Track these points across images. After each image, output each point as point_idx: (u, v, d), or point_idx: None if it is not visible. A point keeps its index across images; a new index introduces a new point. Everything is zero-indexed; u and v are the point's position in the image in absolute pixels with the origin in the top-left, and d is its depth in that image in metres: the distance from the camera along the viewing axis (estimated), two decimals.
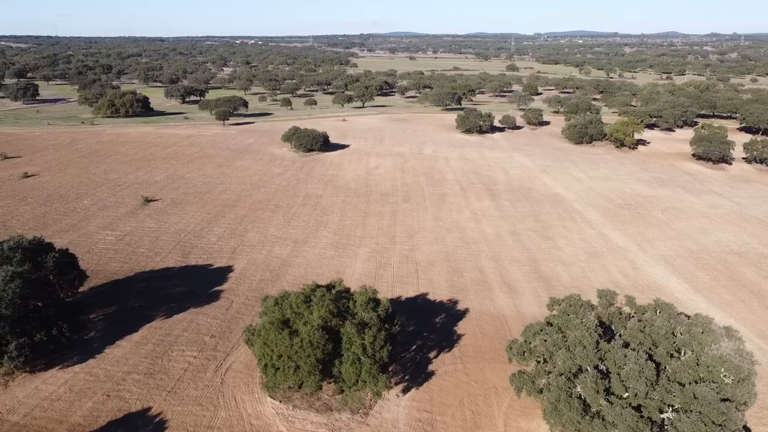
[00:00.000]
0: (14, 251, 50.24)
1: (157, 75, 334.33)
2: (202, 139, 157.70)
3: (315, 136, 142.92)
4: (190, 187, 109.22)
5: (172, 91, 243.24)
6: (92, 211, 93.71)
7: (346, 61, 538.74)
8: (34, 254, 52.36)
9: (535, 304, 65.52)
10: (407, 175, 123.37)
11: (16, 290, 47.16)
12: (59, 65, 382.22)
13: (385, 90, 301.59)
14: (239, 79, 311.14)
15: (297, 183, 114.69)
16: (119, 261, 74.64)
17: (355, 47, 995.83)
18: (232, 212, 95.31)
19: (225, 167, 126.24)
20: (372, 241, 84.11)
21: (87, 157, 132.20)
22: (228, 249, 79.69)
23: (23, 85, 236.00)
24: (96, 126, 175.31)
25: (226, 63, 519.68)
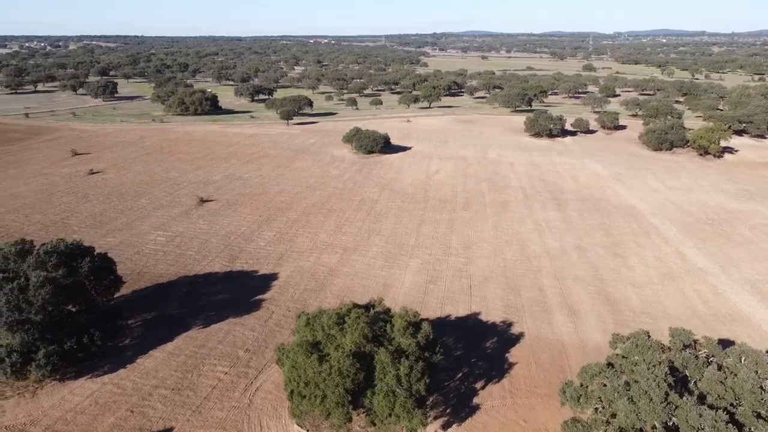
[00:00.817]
0: (49, 256, 49.09)
1: (230, 74, 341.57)
2: (265, 139, 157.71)
3: (376, 138, 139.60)
4: (246, 188, 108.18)
5: (242, 90, 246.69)
6: (148, 210, 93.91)
7: (416, 61, 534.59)
8: (70, 259, 51.16)
9: (599, 331, 59.15)
10: (469, 181, 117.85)
11: (46, 296, 45.83)
12: (140, 64, 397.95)
13: (454, 90, 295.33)
14: (308, 78, 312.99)
15: (353, 186, 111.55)
16: (166, 263, 73.60)
17: (427, 46, 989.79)
18: (285, 215, 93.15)
19: (283, 168, 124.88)
20: (425, 251, 79.60)
21: (151, 155, 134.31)
22: (275, 255, 77.28)
23: (103, 83, 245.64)
24: (165, 124, 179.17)
25: (298, 62, 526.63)
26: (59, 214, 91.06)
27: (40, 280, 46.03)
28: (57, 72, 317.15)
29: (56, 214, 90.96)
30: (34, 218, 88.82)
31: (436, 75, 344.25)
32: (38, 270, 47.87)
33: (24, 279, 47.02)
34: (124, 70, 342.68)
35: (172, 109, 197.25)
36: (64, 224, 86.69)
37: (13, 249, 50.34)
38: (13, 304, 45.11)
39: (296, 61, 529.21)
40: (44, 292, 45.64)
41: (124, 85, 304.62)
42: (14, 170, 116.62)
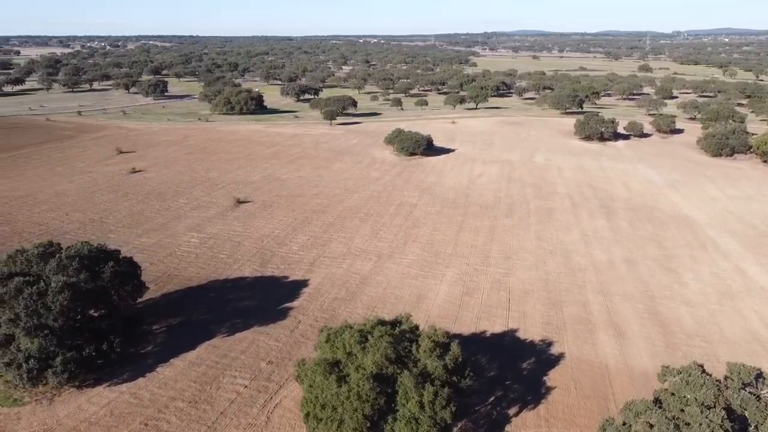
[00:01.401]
0: (71, 260, 48.10)
1: (278, 73, 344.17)
2: (307, 139, 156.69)
3: (418, 140, 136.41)
4: (283, 189, 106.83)
5: (287, 90, 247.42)
6: (185, 211, 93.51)
7: (465, 60, 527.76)
8: (93, 263, 50.12)
9: (648, 355, 54.53)
10: (513, 186, 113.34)
11: (64, 302, 44.72)
12: (191, 63, 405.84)
13: (502, 91, 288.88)
14: (354, 77, 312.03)
15: (393, 189, 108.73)
16: (197, 266, 72.48)
17: (477, 46, 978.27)
18: (320, 219, 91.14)
19: (323, 169, 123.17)
20: (462, 260, 76.06)
21: (193, 154, 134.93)
22: (308, 260, 75.19)
23: (154, 82, 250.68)
24: (210, 123, 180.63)
25: (346, 61, 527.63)
26: (98, 212, 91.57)
27: (59, 286, 44.98)
28: (112, 71, 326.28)
29: (95, 212, 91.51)
30: (74, 216, 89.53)
31: (484, 75, 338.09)
32: (59, 275, 46.87)
33: (44, 283, 46.08)
34: (175, 69, 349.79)
35: (218, 108, 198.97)
36: (102, 223, 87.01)
37: (36, 252, 49.62)
38: (31, 309, 44.20)
39: (344, 60, 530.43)
40: (62, 297, 44.54)
41: (175, 83, 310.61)
42: (61, 167, 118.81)
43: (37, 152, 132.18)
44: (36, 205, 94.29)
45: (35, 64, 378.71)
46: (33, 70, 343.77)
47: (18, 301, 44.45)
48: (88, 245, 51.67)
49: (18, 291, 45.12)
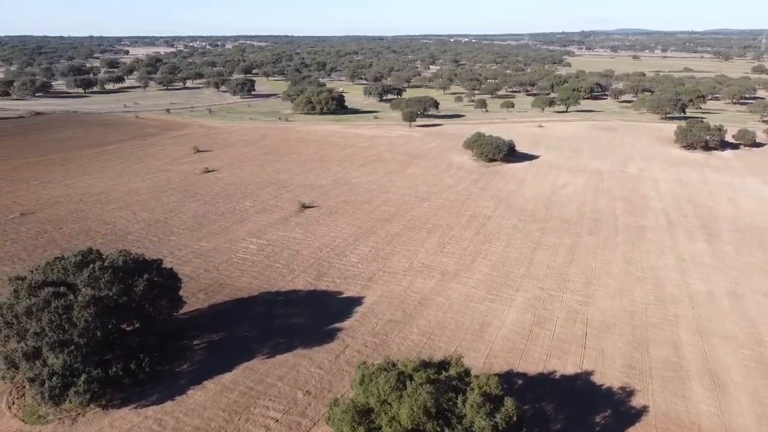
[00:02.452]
0: (104, 271, 45.49)
1: (364, 72, 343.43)
2: (383, 141, 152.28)
3: (498, 145, 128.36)
4: (352, 195, 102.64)
5: (370, 89, 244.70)
6: (249, 214, 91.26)
7: (558, 61, 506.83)
8: (128, 275, 47.35)
9: (752, 417, 45.20)
10: (600, 199, 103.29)
11: (89, 318, 41.99)
12: (282, 62, 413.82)
13: (597, 93, 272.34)
14: (440, 77, 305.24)
15: (467, 198, 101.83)
16: (250, 275, 69.28)
17: (572, 45, 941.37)
18: (385, 228, 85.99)
19: (395, 174, 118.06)
20: (536, 283, 68.38)
21: (268, 154, 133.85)
22: (366, 274, 70.18)
23: (241, 81, 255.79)
24: (289, 123, 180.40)
25: (434, 61, 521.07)
26: (164, 213, 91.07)
27: (86, 300, 42.33)
28: (205, 70, 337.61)
29: (162, 213, 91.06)
30: (141, 216, 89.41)
31: (578, 76, 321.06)
32: (88, 288, 44.31)
33: (73, 296, 43.60)
34: (265, 69, 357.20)
35: (300, 107, 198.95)
36: (166, 224, 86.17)
37: (74, 260, 47.50)
38: (56, 324, 41.75)
39: (432, 60, 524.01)
40: (87, 313, 41.83)
41: (263, 82, 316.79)
42: (138, 165, 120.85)
43: (119, 149, 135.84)
44: (108, 203, 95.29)
45: (138, 63, 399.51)
46: (134, 68, 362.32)
47: (44, 313, 42.15)
48: (125, 255, 49.08)
49: (46, 303, 42.94)
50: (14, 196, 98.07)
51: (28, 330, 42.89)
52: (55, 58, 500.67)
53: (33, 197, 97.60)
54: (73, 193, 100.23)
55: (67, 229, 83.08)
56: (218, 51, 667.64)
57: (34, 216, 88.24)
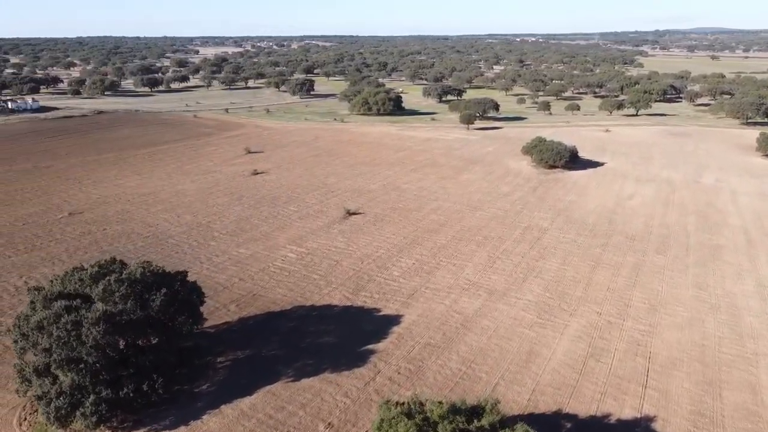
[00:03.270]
0: (120, 284, 42.92)
1: (425, 73, 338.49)
2: (438, 145, 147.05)
3: (560, 151, 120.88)
4: (400, 201, 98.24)
5: (430, 90, 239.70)
6: (292, 220, 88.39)
7: (630, 61, 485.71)
8: (145, 289, 44.68)
9: None
10: (671, 212, 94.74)
11: (98, 335, 39.40)
12: (343, 62, 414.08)
13: (670, 95, 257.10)
14: (503, 78, 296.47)
15: (522, 209, 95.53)
16: (286, 287, 66.00)
17: (646, 45, 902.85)
18: (432, 239, 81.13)
19: (448, 180, 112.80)
20: (593, 308, 61.95)
21: (319, 156, 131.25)
22: (407, 290, 65.62)
23: (301, 81, 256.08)
24: (344, 123, 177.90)
25: (498, 61, 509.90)
26: (208, 216, 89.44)
27: (96, 316, 39.78)
28: (267, 70, 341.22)
29: (205, 216, 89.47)
30: (184, 219, 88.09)
31: (650, 77, 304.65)
32: (102, 302, 41.81)
33: (85, 311, 41.18)
34: (326, 68, 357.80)
35: (356, 108, 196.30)
36: (208, 228, 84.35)
37: (91, 272, 45.26)
38: (63, 341, 39.35)
39: (497, 60, 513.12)
40: (96, 331, 39.24)
41: (323, 82, 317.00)
42: (190, 166, 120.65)
43: (173, 149, 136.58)
44: (154, 204, 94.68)
45: (205, 62, 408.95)
46: (200, 68, 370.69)
47: (53, 329, 39.88)
48: (144, 267, 46.47)
49: (57, 317, 40.68)
50: (66, 195, 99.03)
51: (39, 345, 40.71)
52: (129, 58, 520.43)
53: (83, 197, 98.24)
54: (122, 194, 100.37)
55: (111, 231, 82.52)
56: (283, 51, 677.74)
57: (82, 216, 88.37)
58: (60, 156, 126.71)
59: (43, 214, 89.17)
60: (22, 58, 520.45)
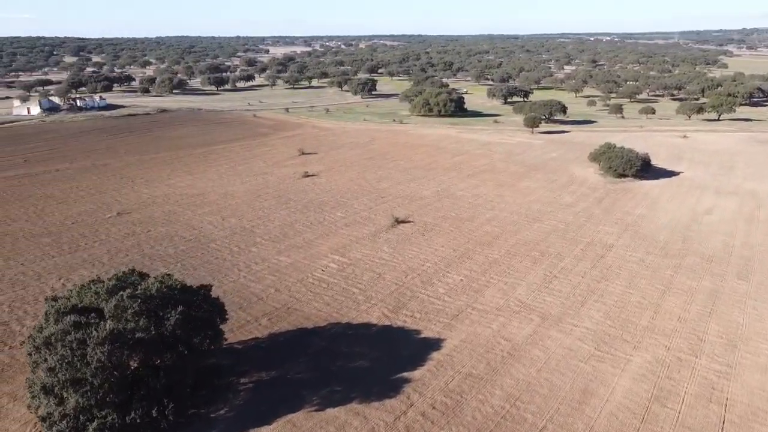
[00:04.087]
0: (133, 300, 40.12)
1: (491, 73, 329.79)
2: (499, 149, 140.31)
3: (630, 158, 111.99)
4: (453, 210, 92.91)
5: (495, 91, 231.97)
6: (337, 227, 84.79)
7: (712, 61, 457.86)
8: (161, 305, 41.76)
9: None
10: (755, 230, 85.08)
11: (103, 357, 36.62)
12: (408, 61, 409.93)
13: (757, 99, 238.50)
14: (573, 79, 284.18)
15: (586, 221, 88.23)
16: (322, 301, 62.24)
17: (731, 44, 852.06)
18: (484, 253, 75.48)
19: (506, 187, 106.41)
20: (661, 341, 54.88)
21: (372, 159, 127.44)
22: (451, 310, 60.49)
23: (363, 81, 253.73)
24: (403, 125, 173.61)
25: (570, 61, 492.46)
26: (253, 220, 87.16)
27: (102, 336, 37.02)
28: (331, 69, 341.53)
29: (250, 220, 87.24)
30: (229, 222, 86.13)
31: (735, 79, 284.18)
32: (111, 319, 39.10)
33: (94, 328, 38.56)
34: (390, 68, 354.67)
35: (417, 109, 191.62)
36: (251, 233, 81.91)
37: (108, 285, 42.79)
38: (67, 360, 36.79)
39: (568, 60, 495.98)
40: (100, 352, 36.45)
41: (387, 82, 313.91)
42: (242, 167, 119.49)
43: (228, 149, 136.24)
44: (201, 206, 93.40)
45: (272, 62, 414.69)
46: (267, 67, 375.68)
47: (59, 347, 37.44)
48: (162, 282, 43.56)
49: (64, 334, 38.24)
50: (118, 194, 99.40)
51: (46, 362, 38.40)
52: (202, 57, 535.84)
53: (134, 196, 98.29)
54: (172, 194, 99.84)
55: (155, 232, 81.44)
56: (350, 51, 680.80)
57: (129, 216, 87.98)
58: (118, 154, 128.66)
59: (92, 213, 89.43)
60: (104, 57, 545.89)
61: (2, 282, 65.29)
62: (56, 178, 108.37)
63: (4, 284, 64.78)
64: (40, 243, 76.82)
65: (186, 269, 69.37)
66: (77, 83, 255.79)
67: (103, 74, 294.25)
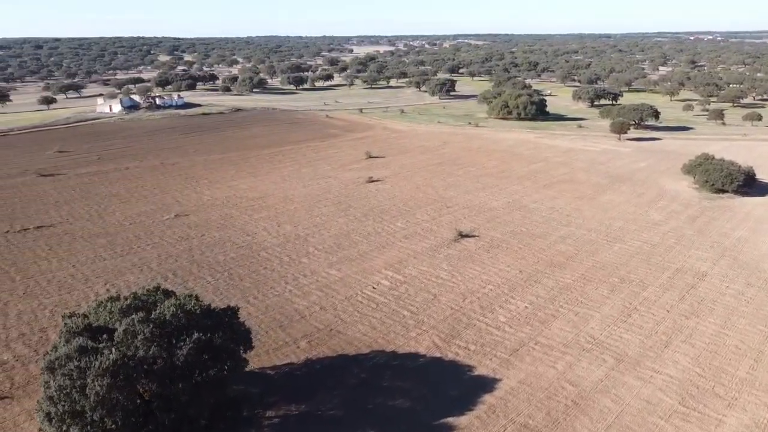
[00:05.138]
0: (144, 325, 36.42)
1: (579, 74, 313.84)
2: (581, 157, 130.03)
3: (731, 171, 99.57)
4: (524, 224, 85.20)
5: (581, 93, 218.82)
6: (396, 238, 79.34)
7: None
8: (178, 330, 37.90)
9: None
10: None
11: (101, 391, 33.00)
12: (491, 61, 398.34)
13: None
14: (668, 81, 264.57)
15: (675, 244, 78.17)
16: (368, 323, 57.03)
17: None
18: (554, 276, 67.72)
19: (585, 200, 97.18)
20: (762, 398, 45.68)
21: (441, 165, 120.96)
22: (511, 343, 53.61)
23: (441, 81, 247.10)
24: (479, 128, 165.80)
25: (666, 62, 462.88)
26: (309, 228, 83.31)
27: (103, 367, 33.44)
28: (410, 69, 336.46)
29: (306, 227, 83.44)
30: (284, 229, 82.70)
31: None
32: (116, 347, 35.53)
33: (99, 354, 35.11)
34: (471, 68, 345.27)
35: (495, 111, 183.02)
36: (305, 242, 78.01)
37: (122, 304, 39.36)
38: (65, 391, 33.45)
39: (664, 60, 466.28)
40: (99, 385, 32.85)
41: (467, 83, 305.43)
42: (306, 169, 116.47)
43: (296, 150, 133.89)
44: (259, 210, 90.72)
45: (353, 61, 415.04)
46: (347, 67, 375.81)
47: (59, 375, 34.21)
48: (181, 305, 39.60)
49: (68, 359, 35.00)
50: (180, 194, 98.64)
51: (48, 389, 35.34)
52: (287, 57, 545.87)
53: (195, 197, 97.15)
54: (232, 196, 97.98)
55: (208, 237, 79.21)
56: (433, 50, 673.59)
57: (186, 219, 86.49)
58: (187, 153, 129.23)
59: (152, 213, 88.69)
60: (195, 56, 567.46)
61: (51, 284, 64.55)
62: (124, 176, 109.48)
63: (53, 286, 63.97)
64: (96, 244, 76.25)
65: (232, 279, 66.23)
66: (164, 81, 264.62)
67: (188, 73, 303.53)
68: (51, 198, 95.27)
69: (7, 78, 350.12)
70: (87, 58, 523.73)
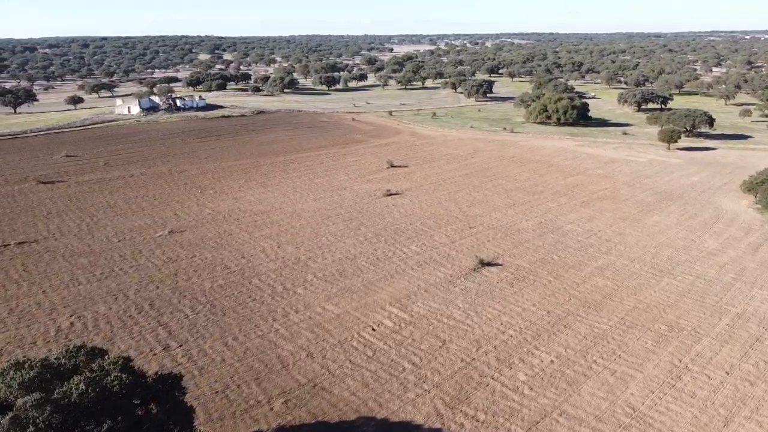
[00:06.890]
0: (40, 411, 28.11)
1: (626, 75, 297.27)
2: (624, 169, 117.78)
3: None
4: (556, 251, 74.58)
5: (626, 96, 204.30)
6: (407, 265, 69.90)
7: None
8: (86, 414, 29.55)
9: None
10: None
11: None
12: (533, 61, 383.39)
13: None
14: (723, 83, 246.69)
15: (735, 279, 66.46)
16: (360, 379, 47.81)
17: None
18: (589, 320, 57.23)
19: (628, 222, 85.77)
20: None
21: (469, 176, 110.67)
22: (530, 414, 43.61)
23: (478, 82, 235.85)
24: (515, 134, 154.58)
25: (720, 62, 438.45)
26: (312, 250, 74.61)
27: None
28: (447, 69, 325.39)
29: (308, 249, 74.77)
30: (284, 251, 74.21)
31: None
32: None
33: None
34: (511, 68, 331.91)
35: (532, 116, 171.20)
36: (304, 267, 69.35)
37: (24, 376, 31.22)
38: None
39: (718, 61, 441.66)
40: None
41: (506, 84, 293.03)
42: (321, 179, 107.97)
43: (313, 157, 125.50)
44: (261, 228, 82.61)
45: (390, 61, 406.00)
46: (384, 66, 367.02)
47: None
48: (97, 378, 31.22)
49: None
50: (180, 207, 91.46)
51: None
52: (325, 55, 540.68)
53: (195, 210, 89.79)
54: (236, 209, 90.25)
55: (198, 259, 71.38)
56: (474, 50, 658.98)
57: (180, 236, 78.99)
58: (198, 160, 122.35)
59: (145, 229, 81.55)
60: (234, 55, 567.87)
61: (12, 314, 57.52)
62: (127, 184, 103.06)
63: (13, 317, 56.92)
64: (76, 264, 69.27)
65: (214, 314, 58.04)
66: (195, 81, 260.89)
67: (218, 73, 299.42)
68: (44, 209, 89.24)
69: (48, 76, 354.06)
70: (128, 57, 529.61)
